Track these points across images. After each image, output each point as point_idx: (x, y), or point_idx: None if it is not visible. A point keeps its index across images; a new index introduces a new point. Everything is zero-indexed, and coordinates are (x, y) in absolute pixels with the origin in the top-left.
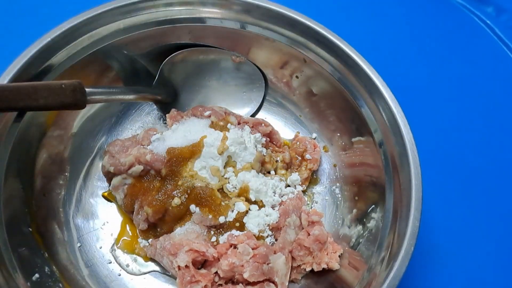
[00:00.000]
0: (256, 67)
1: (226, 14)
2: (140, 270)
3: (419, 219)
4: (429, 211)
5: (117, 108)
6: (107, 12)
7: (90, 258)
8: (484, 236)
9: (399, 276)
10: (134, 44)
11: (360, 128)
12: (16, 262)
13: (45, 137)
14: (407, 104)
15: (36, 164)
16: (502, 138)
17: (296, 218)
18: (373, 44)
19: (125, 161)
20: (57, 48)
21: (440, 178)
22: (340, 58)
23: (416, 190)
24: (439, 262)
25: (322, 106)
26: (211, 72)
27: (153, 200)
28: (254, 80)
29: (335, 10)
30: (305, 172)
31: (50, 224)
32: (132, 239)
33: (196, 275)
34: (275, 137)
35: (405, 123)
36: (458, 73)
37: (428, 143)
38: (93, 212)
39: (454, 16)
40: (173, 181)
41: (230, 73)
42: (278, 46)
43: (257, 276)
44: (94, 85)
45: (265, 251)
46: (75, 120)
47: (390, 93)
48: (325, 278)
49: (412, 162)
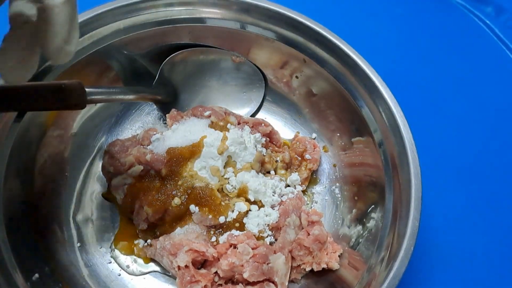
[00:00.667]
0: (256, 67)
1: (226, 14)
2: (140, 271)
3: (418, 219)
4: (429, 211)
5: (117, 108)
6: (107, 12)
7: (90, 258)
8: (484, 236)
9: (399, 276)
10: (134, 44)
11: (360, 128)
12: (16, 262)
13: (45, 137)
14: (407, 104)
15: (36, 164)
16: (502, 138)
17: (296, 218)
18: (373, 44)
19: (125, 161)
20: None
21: (440, 178)
22: (340, 58)
23: (416, 190)
24: (439, 262)
25: (322, 106)
26: (211, 72)
27: (153, 200)
28: (254, 80)
29: (335, 10)
30: (304, 172)
31: (50, 224)
32: (129, 240)
33: (196, 275)
34: (275, 137)
35: (404, 123)
36: (458, 73)
37: (428, 143)
38: (93, 212)
39: (454, 16)
40: (173, 181)
41: (230, 73)
42: (278, 46)
43: (257, 276)
44: (94, 85)
45: (265, 251)
46: (75, 120)
47: (390, 93)
48: (325, 278)
49: (412, 162)
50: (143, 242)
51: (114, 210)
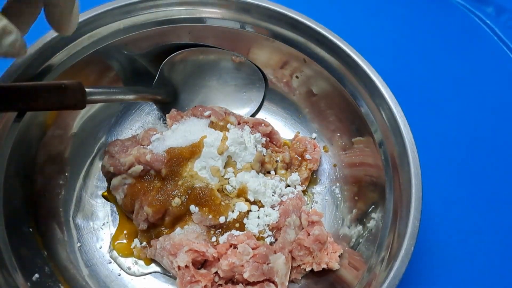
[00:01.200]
0: (256, 67)
1: (226, 14)
2: (141, 272)
3: (419, 219)
4: (429, 211)
5: (117, 108)
6: (107, 12)
7: (90, 258)
8: (484, 235)
9: (399, 276)
10: (134, 44)
11: (360, 128)
12: (16, 262)
13: (45, 137)
14: (407, 104)
15: (36, 164)
16: (502, 138)
17: (296, 218)
18: (373, 44)
19: (125, 161)
20: (57, 48)
21: (440, 178)
22: (340, 58)
23: (416, 190)
24: (439, 262)
25: (322, 106)
26: (211, 72)
27: (153, 200)
28: (254, 80)
29: (335, 10)
30: (305, 172)
31: (50, 224)
32: (128, 240)
33: (196, 275)
34: (275, 137)
35: (405, 123)
36: (458, 73)
37: (428, 143)
38: (93, 212)
39: (454, 16)
40: (173, 181)
41: (230, 73)
42: (278, 46)
43: (257, 276)
44: (94, 85)
45: (265, 251)
46: (75, 120)
47: (390, 93)
48: (325, 278)
49: (412, 162)
50: (140, 244)
51: (114, 210)
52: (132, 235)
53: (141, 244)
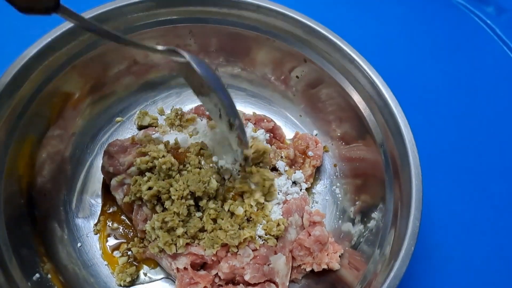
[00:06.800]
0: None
1: (226, 14)
2: (150, 278)
3: (419, 219)
4: (429, 211)
5: (118, 108)
6: (107, 12)
7: (90, 258)
8: (484, 235)
9: (399, 276)
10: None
11: (360, 128)
12: (16, 262)
13: (45, 137)
14: (407, 104)
15: (36, 164)
16: (502, 138)
17: (298, 218)
18: (373, 44)
19: (124, 161)
20: (57, 48)
21: (440, 178)
22: (340, 57)
23: (416, 190)
24: (439, 262)
25: (322, 106)
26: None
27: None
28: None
29: (335, 10)
30: (308, 169)
31: (50, 224)
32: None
33: (195, 276)
34: (278, 132)
35: (405, 123)
36: (458, 73)
37: (428, 143)
38: (93, 212)
39: (455, 15)
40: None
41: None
42: (278, 46)
43: (258, 278)
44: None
45: (266, 252)
46: (75, 120)
47: (390, 93)
48: (325, 278)
49: (413, 162)
50: (126, 259)
51: (114, 210)
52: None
53: (127, 259)
